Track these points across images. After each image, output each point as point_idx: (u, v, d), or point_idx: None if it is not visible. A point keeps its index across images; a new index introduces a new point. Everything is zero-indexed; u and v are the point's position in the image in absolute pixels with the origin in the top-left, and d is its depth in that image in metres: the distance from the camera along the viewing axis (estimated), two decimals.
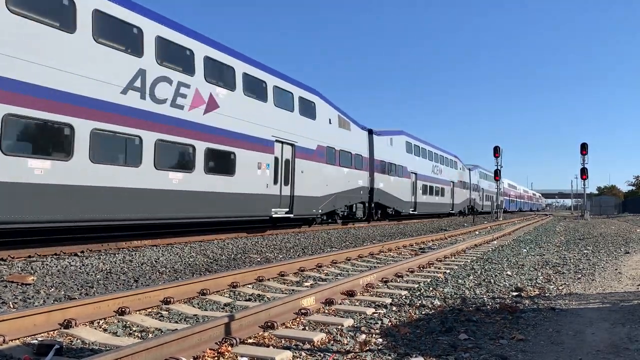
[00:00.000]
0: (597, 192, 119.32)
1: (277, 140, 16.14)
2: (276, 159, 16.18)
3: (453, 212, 41.38)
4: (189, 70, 12.66)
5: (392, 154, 27.61)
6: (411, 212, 30.78)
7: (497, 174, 42.15)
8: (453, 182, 40.98)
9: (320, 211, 19.21)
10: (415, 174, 31.35)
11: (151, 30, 11.49)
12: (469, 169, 49.47)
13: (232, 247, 12.45)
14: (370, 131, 24.95)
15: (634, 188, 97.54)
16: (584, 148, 36.96)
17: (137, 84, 11.03)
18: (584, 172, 37.76)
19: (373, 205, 24.98)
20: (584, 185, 40.20)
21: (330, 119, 20.14)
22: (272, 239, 15.06)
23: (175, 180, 11.99)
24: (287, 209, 16.90)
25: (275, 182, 16.12)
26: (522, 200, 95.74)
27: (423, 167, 33.15)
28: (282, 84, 16.84)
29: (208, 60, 13.33)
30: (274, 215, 16.04)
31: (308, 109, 18.42)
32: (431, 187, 34.78)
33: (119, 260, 9.56)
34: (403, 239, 15.82)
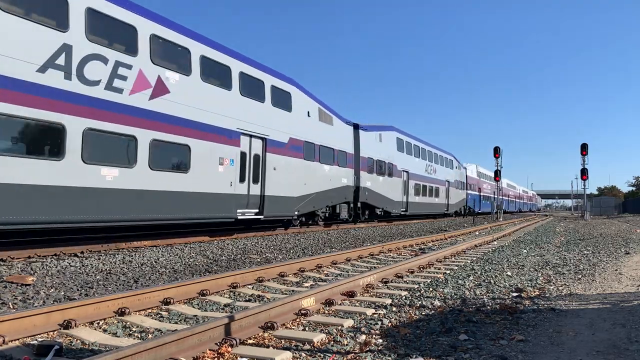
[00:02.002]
0: (597, 192, 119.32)
1: (243, 133, 14.32)
2: (243, 153, 14.41)
3: (448, 212, 40.17)
4: (131, 49, 10.99)
5: (381, 151, 26.06)
6: (402, 213, 29.25)
7: (497, 175, 42.17)
8: (448, 182, 39.69)
9: (297, 212, 17.34)
10: (407, 172, 29.98)
11: (81, 1, 9.95)
12: (465, 168, 48.15)
13: (232, 248, 12.44)
14: (355, 126, 23.17)
15: (634, 189, 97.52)
16: (584, 149, 36.97)
17: (60, 61, 9.48)
18: (584, 173, 37.76)
19: (359, 205, 23.39)
20: (584, 185, 40.21)
21: (309, 112, 18.30)
22: (272, 239, 15.05)
23: (109, 177, 10.29)
24: (257, 210, 15.20)
25: (242, 179, 14.38)
26: (522, 201, 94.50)
27: (415, 165, 31.77)
28: (251, 70, 14.95)
29: (156, 39, 11.61)
30: (239, 217, 14.28)
31: (282, 100, 16.55)
32: (424, 187, 33.40)
33: (119, 260, 9.56)
34: (403, 239, 15.81)
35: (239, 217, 14.31)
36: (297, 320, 5.18)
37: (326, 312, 5.64)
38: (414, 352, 4.18)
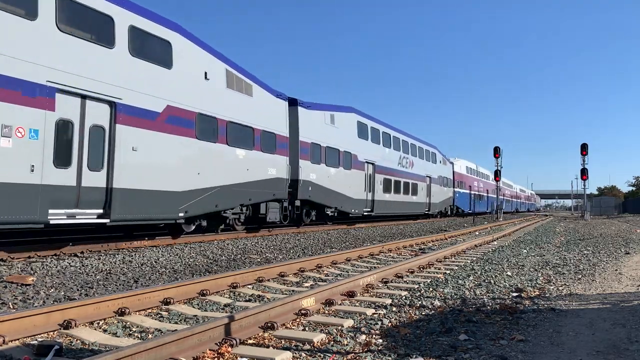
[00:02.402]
0: (597, 192, 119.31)
1: (62, 90, 9.37)
2: (63, 122, 9.47)
3: (430, 212, 34.86)
4: None
5: (333, 136, 20.89)
6: (366, 214, 24.04)
7: (497, 175, 42.19)
8: (430, 177, 34.61)
9: (183, 213, 12.23)
10: (373, 164, 24.70)
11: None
12: (452, 163, 42.48)
13: (231, 248, 12.45)
14: (293, 101, 18.02)
15: (634, 188, 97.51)
16: (584, 149, 37.03)
17: None
18: (584, 173, 37.82)
19: (298, 203, 18.31)
20: (584, 185, 40.26)
21: (206, 73, 13.09)
22: (272, 239, 15.05)
23: None
24: (100, 211, 10.21)
25: (62, 162, 9.45)
26: (519, 201, 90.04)
27: (385, 156, 26.54)
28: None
29: None
30: (52, 221, 9.20)
31: (153, 50, 11.65)
32: (397, 183, 27.99)
33: (119, 260, 9.56)
34: (403, 239, 15.82)
35: (53, 221, 9.28)
36: (297, 320, 5.18)
37: (326, 312, 5.64)
38: (414, 352, 4.18)
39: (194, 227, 13.70)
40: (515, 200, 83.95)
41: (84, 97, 9.88)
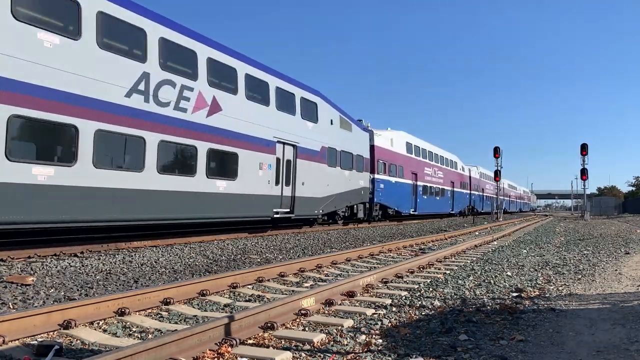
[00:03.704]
0: (597, 192, 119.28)
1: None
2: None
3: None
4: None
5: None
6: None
7: (497, 175, 42.17)
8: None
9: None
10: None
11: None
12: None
13: (231, 248, 12.44)
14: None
15: (634, 189, 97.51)
16: (584, 149, 36.99)
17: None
18: (584, 173, 37.79)
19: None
20: (584, 185, 40.23)
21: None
22: (272, 239, 15.05)
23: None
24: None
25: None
26: (508, 199, 77.14)
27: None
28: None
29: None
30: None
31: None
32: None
33: (119, 261, 9.56)
34: (403, 239, 15.81)
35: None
36: (297, 320, 5.18)
37: (326, 312, 5.64)
38: (414, 352, 4.18)
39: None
40: (503, 199, 75.53)
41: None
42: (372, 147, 24.94)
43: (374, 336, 4.67)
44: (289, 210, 16.86)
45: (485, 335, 4.76)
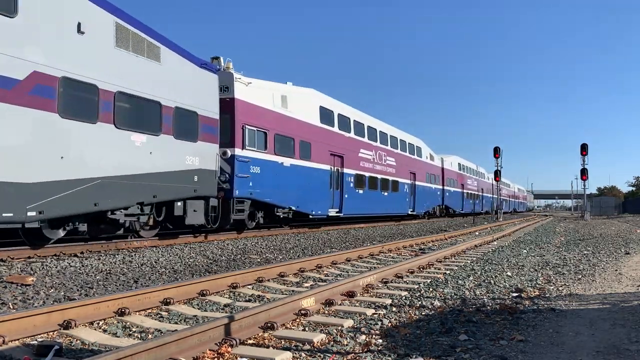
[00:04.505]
0: (597, 192, 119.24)
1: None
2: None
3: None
4: None
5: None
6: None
7: (497, 175, 42.18)
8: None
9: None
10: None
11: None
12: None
13: (231, 248, 12.45)
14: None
15: (634, 189, 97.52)
16: (584, 149, 37.00)
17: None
18: (584, 173, 37.81)
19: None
20: (584, 185, 40.27)
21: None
22: (272, 239, 15.05)
23: None
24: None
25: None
26: (499, 198, 59.74)
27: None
28: None
29: None
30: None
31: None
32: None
33: (119, 261, 9.56)
34: (403, 239, 15.82)
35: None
36: (297, 320, 5.18)
37: (326, 312, 5.64)
38: (414, 352, 4.18)
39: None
40: (488, 196, 57.49)
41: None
42: (231, 101, 14.70)
43: (374, 336, 4.66)
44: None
45: (485, 335, 4.76)
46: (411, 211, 31.28)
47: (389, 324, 5.15)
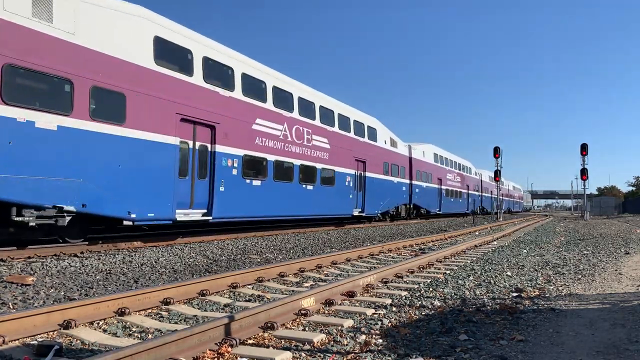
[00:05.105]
0: (597, 192, 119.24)
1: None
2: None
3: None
4: None
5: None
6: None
7: (497, 175, 42.16)
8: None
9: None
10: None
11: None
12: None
13: (231, 248, 12.44)
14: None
15: (634, 189, 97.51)
16: (584, 149, 36.97)
17: None
18: (584, 173, 37.77)
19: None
20: (584, 185, 40.21)
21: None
22: (272, 239, 15.05)
23: None
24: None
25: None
26: (490, 196, 56.91)
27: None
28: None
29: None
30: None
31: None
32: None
33: (119, 261, 9.56)
34: (403, 239, 15.81)
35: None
36: (297, 320, 5.18)
37: (326, 312, 5.64)
38: (413, 352, 4.18)
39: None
40: (475, 194, 50.88)
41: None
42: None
43: (374, 336, 4.67)
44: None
45: (485, 335, 4.76)
46: (359, 212, 23.53)
47: (389, 324, 5.15)
